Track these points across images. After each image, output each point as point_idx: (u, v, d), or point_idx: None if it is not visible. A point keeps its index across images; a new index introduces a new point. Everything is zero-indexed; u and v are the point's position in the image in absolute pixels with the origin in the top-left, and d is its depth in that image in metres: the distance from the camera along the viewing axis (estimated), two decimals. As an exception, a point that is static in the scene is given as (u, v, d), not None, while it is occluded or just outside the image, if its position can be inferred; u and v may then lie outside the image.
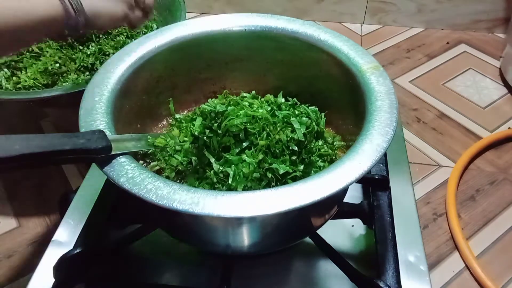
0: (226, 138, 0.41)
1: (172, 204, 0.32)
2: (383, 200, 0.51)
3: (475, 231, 0.64)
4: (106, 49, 0.71)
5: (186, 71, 0.54)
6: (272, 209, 0.32)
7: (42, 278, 0.46)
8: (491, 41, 1.03)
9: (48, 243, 0.50)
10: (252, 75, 0.56)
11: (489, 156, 0.76)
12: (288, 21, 0.52)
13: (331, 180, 0.34)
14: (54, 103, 0.66)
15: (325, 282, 0.48)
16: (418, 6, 1.04)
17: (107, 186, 0.54)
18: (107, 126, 0.39)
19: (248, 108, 0.42)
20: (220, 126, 0.40)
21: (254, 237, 0.42)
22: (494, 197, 0.69)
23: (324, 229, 0.47)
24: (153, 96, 0.51)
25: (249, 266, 0.49)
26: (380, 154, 0.36)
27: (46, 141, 0.32)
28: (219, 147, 0.41)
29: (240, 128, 0.40)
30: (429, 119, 0.83)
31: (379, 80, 0.44)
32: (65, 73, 0.68)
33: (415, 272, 0.46)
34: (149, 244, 0.52)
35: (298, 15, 1.09)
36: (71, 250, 0.45)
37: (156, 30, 0.51)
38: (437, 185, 0.71)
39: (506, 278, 0.59)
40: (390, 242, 0.47)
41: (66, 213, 0.53)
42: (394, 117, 0.40)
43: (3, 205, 0.68)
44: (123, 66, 0.46)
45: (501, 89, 0.90)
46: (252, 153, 0.40)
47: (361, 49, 0.48)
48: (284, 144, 0.40)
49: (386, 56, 0.99)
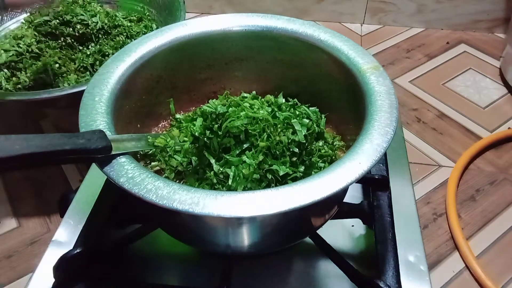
0: (226, 139, 0.41)
1: (172, 204, 0.32)
2: (383, 200, 0.51)
3: (475, 231, 0.64)
4: (106, 49, 0.71)
5: (186, 71, 0.54)
6: (272, 209, 0.32)
7: (42, 278, 0.46)
8: (491, 41, 1.03)
9: (48, 243, 0.50)
10: (252, 75, 0.56)
11: (489, 156, 0.76)
12: (288, 21, 0.52)
13: (331, 180, 0.34)
14: (54, 104, 0.67)
15: (325, 282, 0.48)
16: (418, 6, 1.04)
17: (107, 186, 0.54)
18: (107, 126, 0.39)
19: (249, 110, 0.42)
20: (220, 127, 0.40)
21: (254, 237, 0.42)
22: (494, 197, 0.69)
23: (324, 229, 0.47)
24: (153, 96, 0.51)
25: (249, 266, 0.49)
26: (380, 154, 0.36)
27: (46, 141, 0.32)
28: (220, 148, 0.41)
29: (240, 130, 0.40)
30: (429, 119, 0.83)
31: (379, 80, 0.44)
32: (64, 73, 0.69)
33: (415, 272, 0.46)
34: (149, 244, 0.52)
35: (298, 15, 1.09)
36: (71, 250, 0.45)
37: (156, 30, 0.51)
38: (437, 185, 0.71)
39: (506, 278, 0.59)
40: (390, 242, 0.47)
41: (66, 213, 0.53)
42: (394, 117, 0.40)
43: (3, 205, 0.68)
44: (123, 66, 0.46)
45: (501, 89, 0.90)
46: (253, 154, 0.40)
47: (361, 49, 0.48)
48: (284, 145, 0.40)
49: (386, 56, 0.99)
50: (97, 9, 0.75)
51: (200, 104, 0.56)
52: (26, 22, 0.74)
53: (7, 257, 0.61)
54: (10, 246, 0.62)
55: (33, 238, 0.63)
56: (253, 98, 0.48)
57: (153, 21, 0.81)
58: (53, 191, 0.70)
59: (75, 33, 0.71)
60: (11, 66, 0.68)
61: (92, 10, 0.74)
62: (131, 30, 0.76)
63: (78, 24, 0.71)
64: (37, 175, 0.72)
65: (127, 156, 0.37)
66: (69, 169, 0.73)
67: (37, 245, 0.63)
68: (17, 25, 0.80)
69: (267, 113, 0.42)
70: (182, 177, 0.45)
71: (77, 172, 0.72)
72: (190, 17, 0.74)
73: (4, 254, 0.61)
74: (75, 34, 0.71)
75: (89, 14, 0.73)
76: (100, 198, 0.53)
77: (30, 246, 0.62)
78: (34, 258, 0.61)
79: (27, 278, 0.56)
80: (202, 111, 0.42)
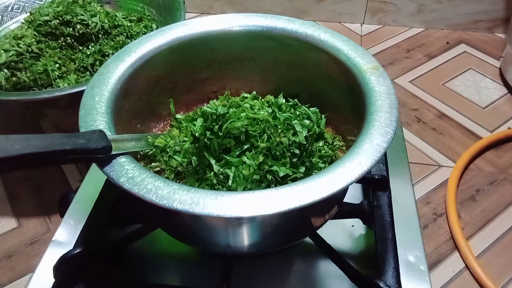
0: (226, 140, 0.41)
1: (172, 204, 0.32)
2: (383, 200, 0.51)
3: (475, 231, 0.64)
4: (106, 49, 0.71)
5: (186, 71, 0.54)
6: (272, 209, 0.32)
7: (42, 278, 0.46)
8: (491, 41, 1.03)
9: (48, 243, 0.50)
10: (252, 75, 0.56)
11: (489, 156, 0.76)
12: (288, 21, 0.52)
13: (331, 180, 0.34)
14: (54, 104, 0.67)
15: (325, 282, 0.48)
16: (418, 6, 1.04)
17: (107, 186, 0.54)
18: (107, 126, 0.39)
19: (249, 110, 0.42)
20: (221, 128, 0.40)
21: (254, 237, 0.42)
22: (494, 197, 0.69)
23: (324, 229, 0.47)
24: (153, 96, 0.51)
25: (249, 266, 0.49)
26: (380, 154, 0.36)
27: (46, 141, 0.32)
28: (220, 149, 0.41)
29: (241, 131, 0.40)
30: (429, 119, 0.83)
31: (379, 80, 0.44)
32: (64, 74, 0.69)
33: (415, 272, 0.46)
34: (149, 244, 0.52)
35: (298, 15, 1.09)
36: (71, 250, 0.45)
37: (156, 30, 0.51)
38: (437, 185, 0.71)
39: (506, 278, 0.59)
40: (390, 242, 0.47)
41: (66, 213, 0.53)
42: (394, 117, 0.40)
43: (3, 205, 0.68)
44: (123, 66, 0.46)
45: (501, 89, 0.90)
46: (253, 155, 0.40)
47: (361, 49, 0.48)
48: (285, 147, 0.40)
49: (386, 56, 0.99)
50: (97, 9, 0.75)
51: (200, 104, 0.56)
52: (26, 22, 0.74)
53: (7, 257, 0.61)
54: (10, 246, 0.62)
55: (33, 238, 0.63)
56: (253, 98, 0.48)
57: (153, 21, 0.81)
58: (53, 191, 0.70)
59: (75, 33, 0.71)
60: (11, 66, 0.68)
61: (92, 10, 0.74)
62: (131, 30, 0.76)
63: (78, 24, 0.71)
64: (37, 175, 0.72)
65: (127, 156, 0.37)
66: (69, 169, 0.73)
67: (37, 245, 0.63)
68: (17, 25, 0.80)
69: (268, 114, 0.42)
70: (182, 177, 0.45)
71: (77, 172, 0.72)
72: (190, 17, 0.74)
73: (4, 254, 0.61)
74: (75, 34, 0.71)
75: (89, 14, 0.73)
76: (100, 198, 0.53)
77: (30, 246, 0.62)
78: (34, 258, 0.61)
79: (27, 278, 0.56)
80: (203, 112, 0.42)
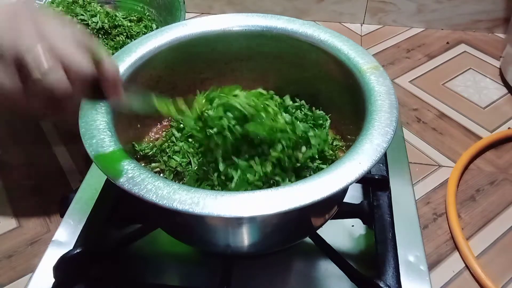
0: (239, 141, 0.39)
1: (172, 204, 0.32)
2: (383, 200, 0.51)
3: (475, 231, 0.64)
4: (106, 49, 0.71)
5: (186, 71, 0.54)
6: (272, 209, 0.32)
7: (42, 278, 0.46)
8: (491, 41, 1.03)
9: (48, 243, 0.50)
10: (252, 75, 0.56)
11: (489, 156, 0.76)
12: (288, 21, 0.52)
13: (331, 180, 0.34)
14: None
15: (325, 282, 0.48)
16: (418, 6, 1.04)
17: (107, 186, 0.54)
18: (107, 126, 0.39)
19: (271, 115, 0.39)
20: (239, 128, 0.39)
21: (254, 237, 0.42)
22: (494, 197, 0.69)
23: (324, 229, 0.47)
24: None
25: (249, 266, 0.49)
26: (380, 154, 0.36)
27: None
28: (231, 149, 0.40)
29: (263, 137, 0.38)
30: (429, 119, 0.83)
31: (379, 80, 0.44)
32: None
33: (415, 272, 0.46)
34: (149, 244, 0.52)
35: (298, 15, 1.09)
36: (71, 250, 0.45)
37: (156, 30, 0.51)
38: (437, 185, 0.71)
39: (506, 278, 0.59)
40: (390, 242, 0.47)
41: (66, 213, 0.53)
42: (394, 117, 0.40)
43: (3, 205, 0.68)
44: (123, 66, 0.46)
45: (501, 89, 0.90)
46: (261, 162, 0.39)
47: (361, 49, 0.48)
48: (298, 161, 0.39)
49: (386, 56, 0.99)
50: (97, 9, 0.75)
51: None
52: (26, 22, 0.74)
53: (7, 257, 0.61)
54: (10, 246, 0.62)
55: (33, 238, 0.63)
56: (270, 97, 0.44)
57: (153, 21, 0.81)
58: (53, 191, 0.70)
59: (75, 33, 0.71)
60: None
61: (92, 10, 0.74)
62: (131, 30, 0.76)
63: (78, 24, 0.71)
64: (37, 175, 0.72)
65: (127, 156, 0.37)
66: (69, 169, 0.73)
67: (37, 245, 0.62)
68: (17, 25, 0.79)
69: (286, 123, 0.40)
70: (182, 177, 0.45)
71: (77, 172, 0.72)
72: (190, 17, 0.74)
73: (4, 254, 0.61)
74: (75, 34, 0.71)
75: (89, 14, 0.73)
76: (100, 198, 0.53)
77: (30, 246, 0.62)
78: (34, 258, 0.60)
79: (27, 278, 0.56)
80: (224, 103, 0.39)
